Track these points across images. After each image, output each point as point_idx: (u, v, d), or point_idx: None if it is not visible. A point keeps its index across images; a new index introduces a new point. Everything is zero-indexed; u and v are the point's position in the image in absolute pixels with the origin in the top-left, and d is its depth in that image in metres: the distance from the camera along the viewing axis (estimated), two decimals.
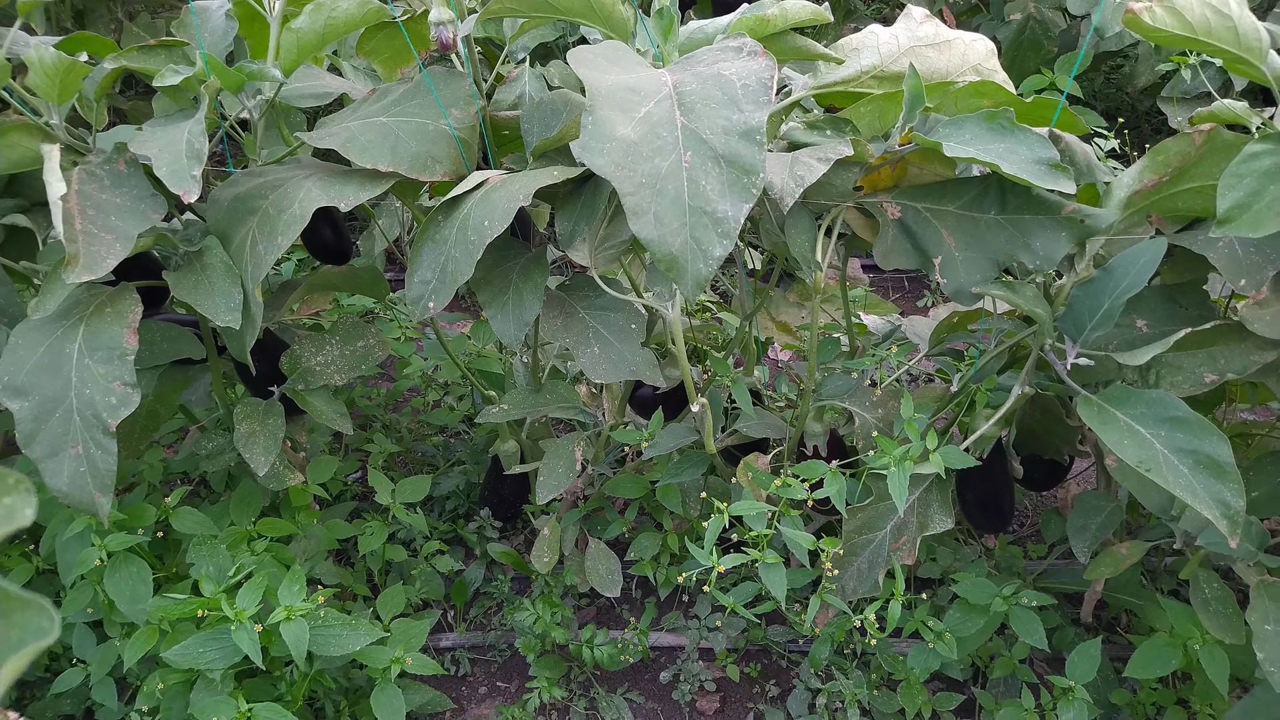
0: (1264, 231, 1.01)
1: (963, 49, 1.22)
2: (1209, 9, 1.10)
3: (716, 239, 0.88)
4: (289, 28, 1.20)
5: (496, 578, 1.80)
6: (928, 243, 1.19)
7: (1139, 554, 1.38)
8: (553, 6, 1.07)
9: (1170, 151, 1.13)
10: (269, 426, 1.41)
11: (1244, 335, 1.16)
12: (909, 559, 1.23)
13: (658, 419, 1.37)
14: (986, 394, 1.31)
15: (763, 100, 0.88)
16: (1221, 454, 1.05)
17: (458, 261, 1.16)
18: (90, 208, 1.11)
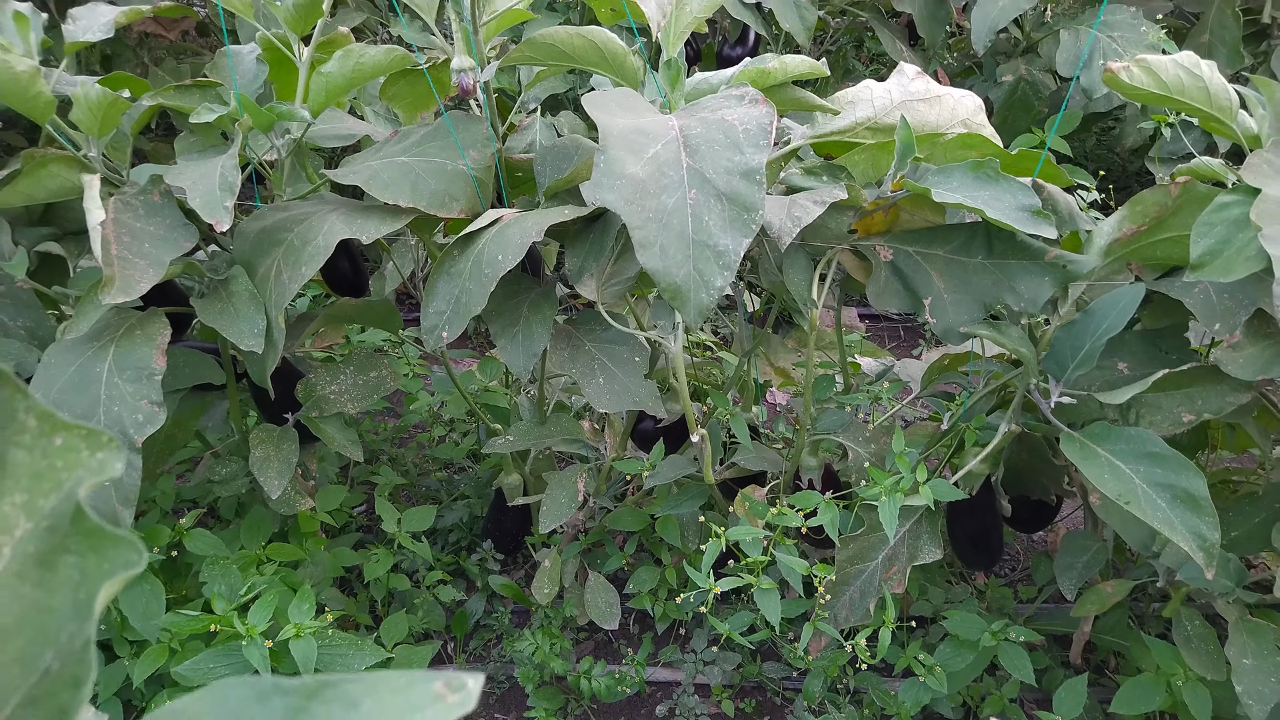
0: (1233, 276, 1.07)
1: (952, 104, 1.30)
2: (1182, 70, 1.18)
3: (718, 270, 0.94)
4: (319, 72, 1.27)
5: (497, 610, 1.83)
6: (918, 284, 1.25)
7: (1123, 592, 1.42)
8: (569, 56, 1.15)
9: (1148, 202, 1.20)
10: (283, 451, 1.46)
11: (1220, 377, 1.21)
12: (899, 588, 1.27)
13: (659, 450, 1.42)
14: (975, 432, 1.36)
15: (763, 144, 0.95)
16: (1197, 488, 1.11)
17: (471, 293, 1.22)
18: (125, 234, 1.17)
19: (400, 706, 0.34)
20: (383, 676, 0.35)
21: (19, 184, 1.24)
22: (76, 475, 0.38)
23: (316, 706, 0.34)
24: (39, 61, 1.24)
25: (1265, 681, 1.19)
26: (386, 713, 0.34)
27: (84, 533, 0.37)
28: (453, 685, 0.35)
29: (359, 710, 0.34)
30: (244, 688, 0.34)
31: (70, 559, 0.37)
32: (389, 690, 0.35)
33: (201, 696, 0.34)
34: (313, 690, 0.34)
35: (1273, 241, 1.01)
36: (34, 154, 1.24)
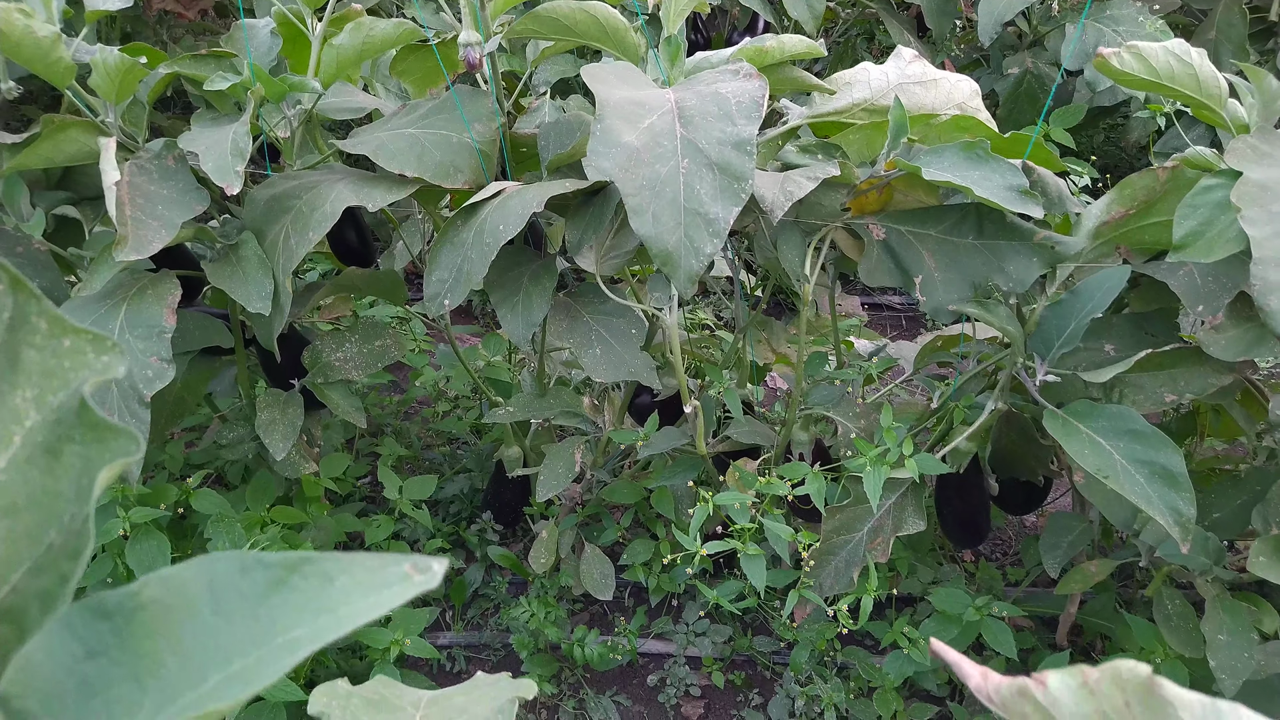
0: (1214, 257, 1.09)
1: (948, 88, 1.33)
2: (1172, 56, 1.20)
3: (708, 238, 0.98)
4: (329, 44, 1.31)
5: (495, 580, 1.87)
6: (910, 263, 1.28)
7: (1106, 571, 1.44)
8: (570, 30, 1.18)
9: (1136, 186, 1.22)
10: (288, 415, 1.50)
11: (1202, 359, 1.24)
12: (883, 558, 1.30)
13: (653, 422, 1.45)
14: (964, 411, 1.38)
15: (754, 115, 0.98)
16: (1175, 465, 1.13)
17: (473, 262, 1.25)
18: (140, 197, 1.21)
19: (371, 582, 0.38)
20: (356, 556, 0.38)
21: (38, 147, 1.28)
22: (82, 374, 0.42)
23: (295, 579, 0.37)
24: (60, 29, 1.28)
25: (1238, 657, 1.22)
26: (359, 586, 0.37)
27: (88, 425, 0.40)
28: (419, 567, 0.38)
29: (334, 584, 0.37)
30: (229, 560, 0.37)
31: (74, 448, 0.40)
32: (362, 569, 0.38)
33: (191, 565, 0.37)
34: (293, 565, 0.37)
35: (1251, 223, 1.04)
36: (53, 118, 1.28)
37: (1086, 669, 0.44)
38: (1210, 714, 0.41)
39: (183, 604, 0.36)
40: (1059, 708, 0.45)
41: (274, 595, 0.37)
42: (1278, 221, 1.04)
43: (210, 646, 0.35)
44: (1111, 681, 0.43)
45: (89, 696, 0.35)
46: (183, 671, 0.35)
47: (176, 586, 0.36)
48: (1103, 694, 0.44)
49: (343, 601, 0.37)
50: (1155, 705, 0.41)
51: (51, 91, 1.71)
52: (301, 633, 0.35)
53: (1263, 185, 1.06)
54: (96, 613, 0.36)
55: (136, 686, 0.35)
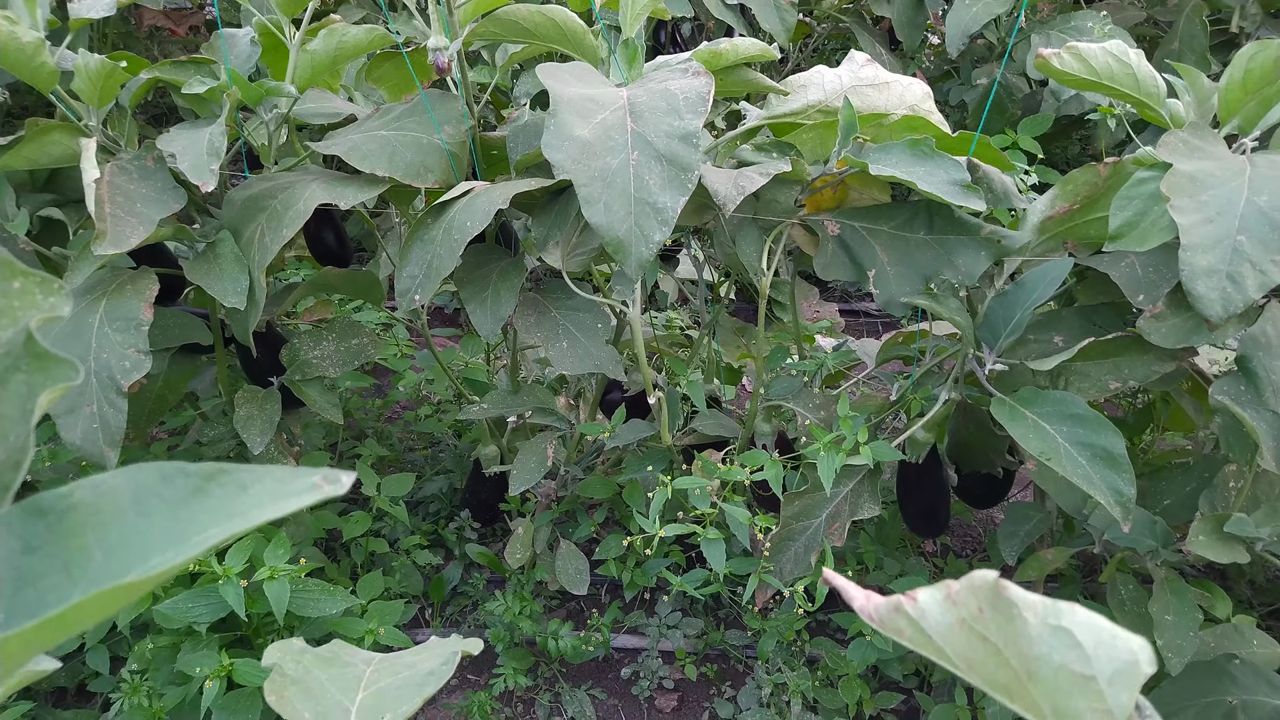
0: (1148, 245, 1.14)
1: (900, 90, 1.37)
2: (1110, 57, 1.25)
3: (657, 226, 1.02)
4: (304, 49, 1.36)
5: (473, 577, 1.91)
6: (863, 257, 1.33)
7: (1063, 559, 1.48)
8: (530, 33, 1.23)
9: (1078, 181, 1.27)
10: (266, 411, 1.54)
11: (1145, 347, 1.28)
12: (839, 541, 1.34)
13: (620, 414, 1.49)
14: (921, 402, 1.43)
15: (700, 110, 1.03)
16: (1115, 447, 1.17)
17: (442, 258, 1.30)
18: (119, 195, 1.26)
19: (283, 491, 0.42)
20: (270, 468, 0.43)
21: (22, 149, 1.33)
22: (29, 313, 0.46)
23: (213, 486, 0.41)
24: (44, 36, 1.33)
25: (1184, 636, 1.26)
26: (270, 494, 0.41)
27: (32, 355, 0.45)
28: (329, 478, 0.43)
29: (248, 491, 0.41)
30: (152, 470, 0.41)
31: (20, 376, 0.44)
32: (274, 479, 0.42)
33: (119, 473, 0.41)
34: (210, 474, 0.42)
35: (1180, 211, 1.08)
36: (37, 121, 1.33)
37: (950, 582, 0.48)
38: (1050, 612, 0.45)
39: (110, 506, 0.40)
40: (927, 619, 0.49)
41: (193, 500, 0.41)
42: (1205, 210, 1.08)
43: (134, 543, 0.39)
44: (968, 590, 0.47)
45: (25, 586, 0.39)
46: (108, 564, 0.39)
47: (105, 491, 0.40)
48: (962, 603, 0.48)
49: (254, 506, 0.41)
50: (1002, 606, 0.45)
51: (48, 106, 1.77)
52: (214, 532, 0.40)
53: (1191, 176, 1.11)
54: (33, 512, 0.40)
55: (66, 578, 0.39)
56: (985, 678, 0.48)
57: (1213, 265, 1.05)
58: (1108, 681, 0.43)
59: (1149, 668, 0.43)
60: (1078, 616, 0.45)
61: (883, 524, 1.83)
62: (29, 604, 0.39)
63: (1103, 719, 0.43)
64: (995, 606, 0.46)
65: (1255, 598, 1.77)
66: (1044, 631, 0.45)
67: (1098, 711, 0.43)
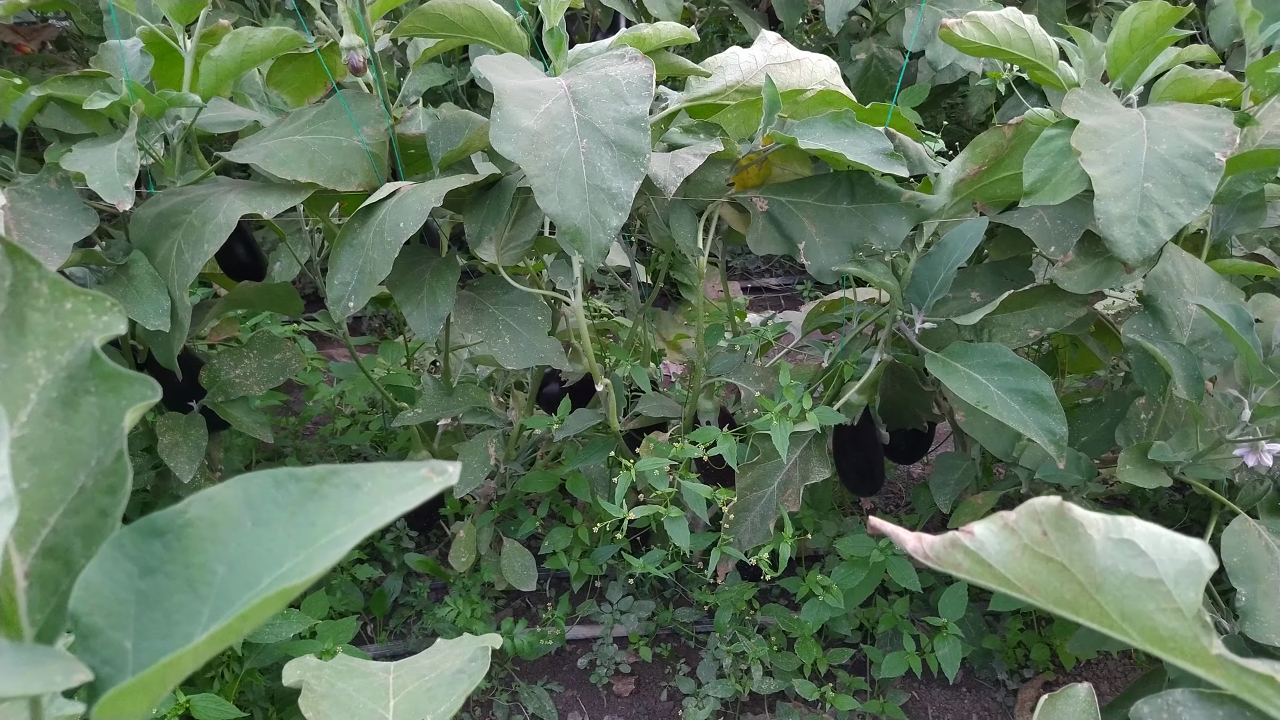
0: (1062, 198, 1.22)
1: (810, 67, 1.42)
2: (1008, 24, 1.33)
3: (613, 211, 1.03)
4: (209, 56, 1.31)
5: (415, 587, 1.88)
6: (792, 231, 1.37)
7: (992, 502, 1.56)
8: (456, 26, 1.22)
9: (986, 144, 1.34)
10: (191, 437, 1.48)
11: (1058, 295, 1.37)
12: (794, 507, 1.38)
13: (566, 405, 1.50)
14: (852, 367, 1.48)
15: (644, 94, 1.04)
16: (1045, 390, 1.25)
17: (375, 262, 1.27)
18: (26, 222, 1.19)
19: (395, 485, 0.41)
20: (378, 466, 0.42)
21: None
22: (86, 333, 0.44)
23: (325, 488, 0.41)
24: None
25: None
26: (384, 489, 0.41)
27: (101, 376, 0.43)
28: (436, 470, 0.43)
29: (361, 490, 0.41)
30: (264, 478, 0.41)
31: (90, 399, 0.42)
32: (384, 475, 0.42)
33: (227, 485, 0.40)
34: (322, 476, 0.41)
35: (1091, 164, 1.16)
36: None
37: (1005, 513, 0.51)
38: (1112, 527, 0.49)
39: (225, 518, 0.39)
40: (986, 549, 0.52)
41: (309, 503, 0.40)
42: (1112, 161, 1.17)
43: (257, 552, 0.39)
44: (1028, 517, 0.50)
45: (149, 608, 0.38)
46: (234, 576, 0.38)
47: (219, 503, 0.39)
48: (1022, 529, 0.51)
49: (373, 503, 0.40)
50: (1067, 526, 0.49)
51: None
52: (341, 531, 0.39)
53: (1096, 131, 1.19)
54: (147, 533, 0.38)
55: (193, 595, 0.38)
56: (1050, 596, 0.52)
57: (1125, 212, 1.14)
58: (1174, 582, 0.47)
59: (1211, 564, 0.47)
60: (1138, 528, 0.49)
61: (815, 489, 1.89)
62: (158, 625, 0.37)
63: (1172, 617, 0.47)
64: (1059, 528, 0.50)
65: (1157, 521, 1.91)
66: (1108, 545, 0.49)
67: (1167, 610, 0.48)
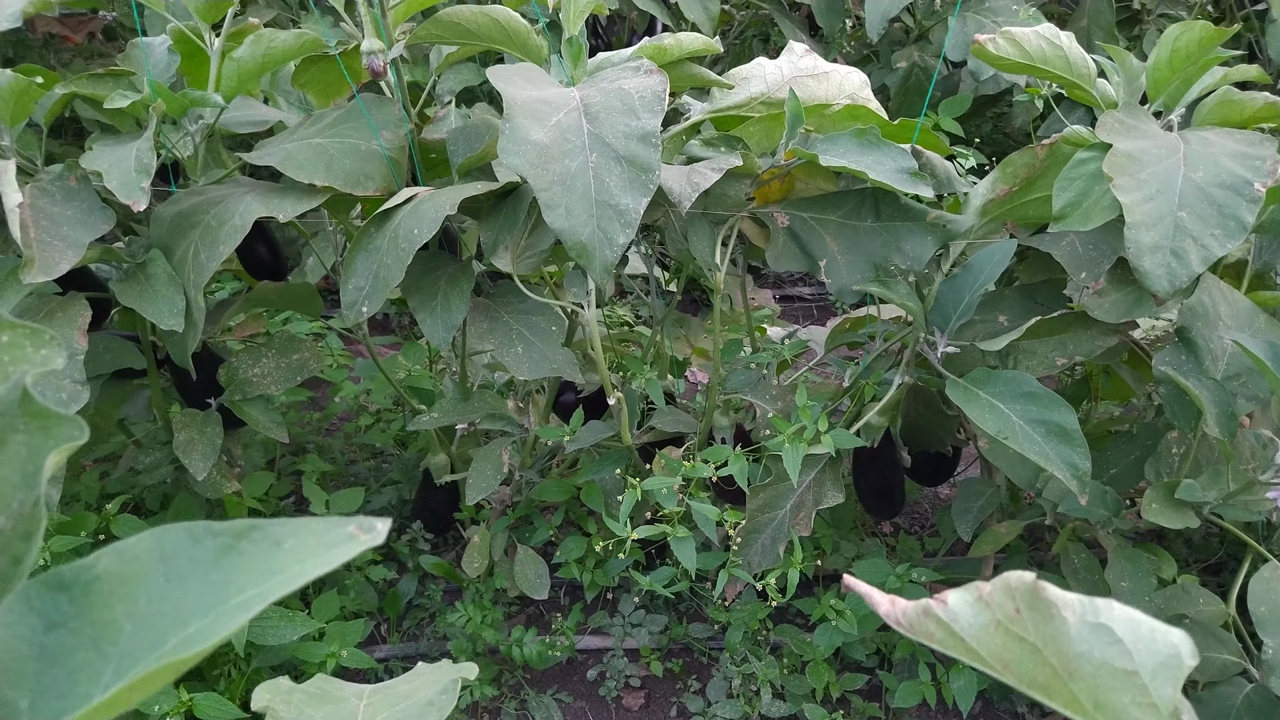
0: (1092, 224, 1.17)
1: (839, 79, 1.39)
2: (1044, 40, 1.28)
3: (620, 228, 1.01)
4: (230, 57, 1.31)
5: (429, 590, 1.88)
6: (814, 248, 1.34)
7: (1015, 532, 1.52)
8: (473, 34, 1.20)
9: (1018, 164, 1.30)
10: (207, 434, 1.48)
11: (1089, 323, 1.32)
12: (806, 531, 1.35)
13: (578, 417, 1.48)
14: (873, 387, 1.45)
15: (657, 109, 1.02)
16: (1069, 422, 1.20)
17: (389, 268, 1.26)
18: (44, 219, 1.20)
19: (318, 544, 0.40)
20: (303, 521, 0.40)
21: None
22: (22, 367, 0.43)
23: (244, 544, 0.39)
24: None
25: (1140, 602, 1.30)
26: (306, 547, 0.39)
27: (30, 414, 0.42)
28: (364, 527, 0.41)
29: (282, 548, 0.39)
30: (180, 530, 0.39)
31: (19, 437, 0.41)
32: (309, 532, 0.40)
33: (144, 537, 0.39)
34: (241, 532, 0.39)
35: (1123, 190, 1.12)
36: None
37: (981, 584, 0.48)
38: (1087, 609, 0.46)
39: (137, 573, 0.38)
40: (959, 621, 0.49)
41: (224, 560, 0.38)
42: (1146, 188, 1.12)
43: (167, 611, 0.37)
44: (1003, 591, 0.47)
45: (51, 666, 0.36)
46: (141, 635, 0.37)
47: (130, 557, 0.38)
48: (996, 604, 0.48)
49: (292, 562, 0.39)
50: (1041, 606, 0.46)
51: None
52: (254, 593, 0.37)
53: (1130, 155, 1.14)
54: (53, 586, 0.37)
55: (97, 654, 0.36)
56: (1022, 677, 0.49)
57: (1157, 241, 1.09)
58: (1151, 675, 0.44)
59: (1191, 660, 0.44)
60: (1116, 613, 0.46)
61: (837, 508, 1.85)
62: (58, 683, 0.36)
63: (1148, 712, 0.44)
64: (1033, 606, 0.47)
65: (1191, 555, 1.85)
66: (1084, 629, 0.46)
67: (1142, 705, 0.44)
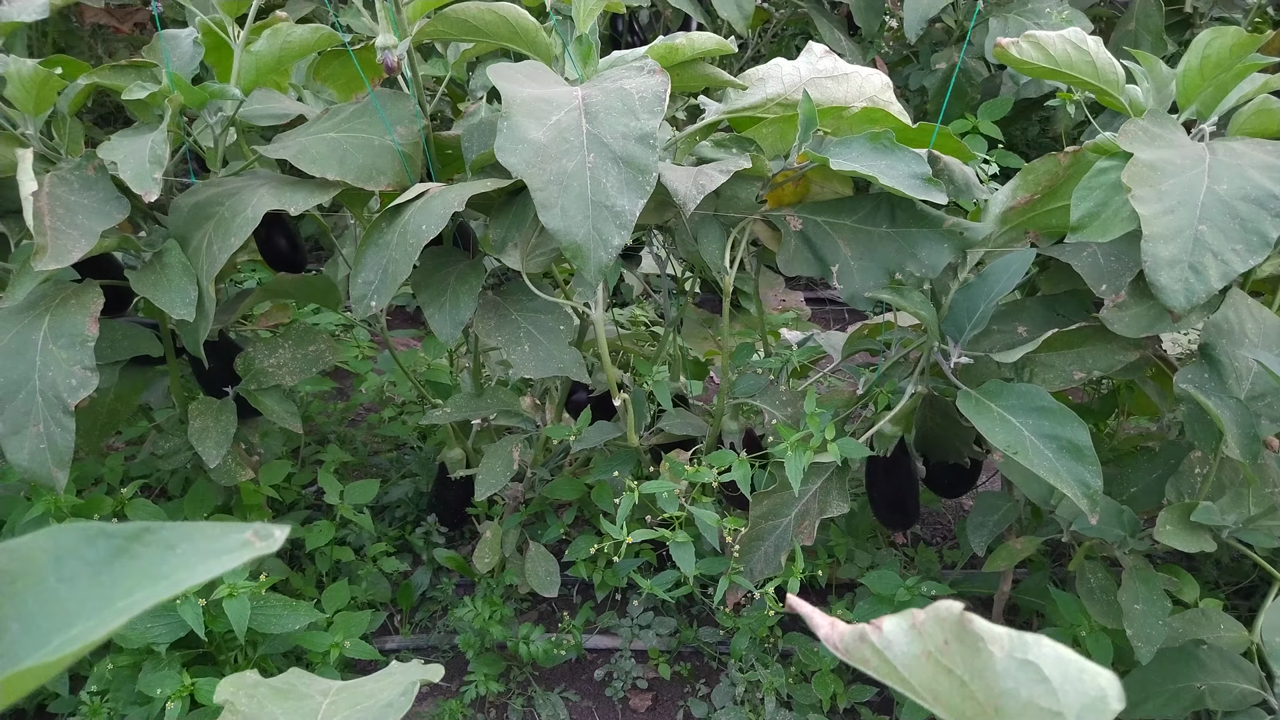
0: (1110, 236, 1.13)
1: (860, 81, 1.36)
2: (1069, 45, 1.24)
3: (615, 230, 1.00)
4: (248, 50, 1.32)
5: (442, 583, 1.88)
6: (826, 252, 1.31)
7: (1032, 548, 1.48)
8: (479, 30, 1.20)
9: (1039, 171, 1.26)
10: (221, 423, 1.50)
11: (1109, 337, 1.28)
12: (809, 540, 1.33)
13: (585, 416, 1.47)
14: (887, 396, 1.42)
15: (656, 110, 1.00)
16: (1081, 439, 1.17)
17: (397, 263, 1.27)
18: (60, 207, 1.22)
19: (212, 549, 0.39)
20: (199, 525, 0.40)
21: None
22: None
23: (138, 548, 0.39)
24: None
25: (1153, 625, 1.26)
26: (199, 554, 0.39)
27: None
28: (261, 534, 0.40)
29: (175, 551, 0.39)
30: (75, 532, 0.39)
31: None
32: (203, 537, 0.40)
33: (38, 536, 0.39)
34: (135, 534, 0.39)
35: (1142, 201, 1.08)
36: None
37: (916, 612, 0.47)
38: (1016, 645, 0.44)
39: (28, 572, 0.38)
40: (892, 649, 0.47)
41: (116, 562, 0.38)
42: (1167, 200, 1.08)
43: (54, 611, 0.37)
44: (934, 621, 0.46)
45: None
46: (27, 635, 0.36)
47: (22, 556, 0.38)
48: (928, 634, 0.46)
49: (182, 566, 0.38)
50: (968, 639, 0.44)
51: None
52: (140, 595, 0.37)
53: (1152, 165, 1.10)
54: None
55: None
56: (951, 711, 0.47)
57: (1175, 256, 1.05)
58: (1075, 717, 0.42)
59: (1117, 704, 0.42)
60: (1044, 650, 0.44)
61: (853, 516, 1.82)
62: None
63: None
64: (960, 639, 0.45)
65: (1221, 577, 1.79)
66: (1010, 665, 0.44)
67: None
